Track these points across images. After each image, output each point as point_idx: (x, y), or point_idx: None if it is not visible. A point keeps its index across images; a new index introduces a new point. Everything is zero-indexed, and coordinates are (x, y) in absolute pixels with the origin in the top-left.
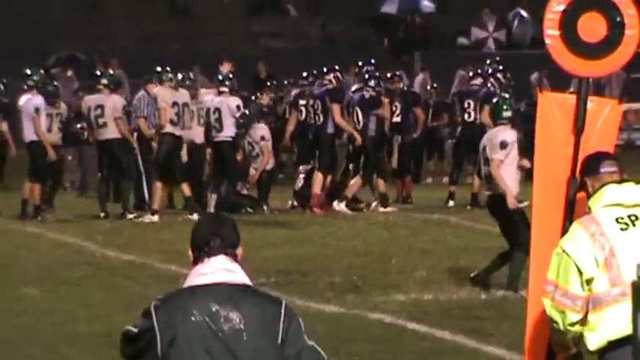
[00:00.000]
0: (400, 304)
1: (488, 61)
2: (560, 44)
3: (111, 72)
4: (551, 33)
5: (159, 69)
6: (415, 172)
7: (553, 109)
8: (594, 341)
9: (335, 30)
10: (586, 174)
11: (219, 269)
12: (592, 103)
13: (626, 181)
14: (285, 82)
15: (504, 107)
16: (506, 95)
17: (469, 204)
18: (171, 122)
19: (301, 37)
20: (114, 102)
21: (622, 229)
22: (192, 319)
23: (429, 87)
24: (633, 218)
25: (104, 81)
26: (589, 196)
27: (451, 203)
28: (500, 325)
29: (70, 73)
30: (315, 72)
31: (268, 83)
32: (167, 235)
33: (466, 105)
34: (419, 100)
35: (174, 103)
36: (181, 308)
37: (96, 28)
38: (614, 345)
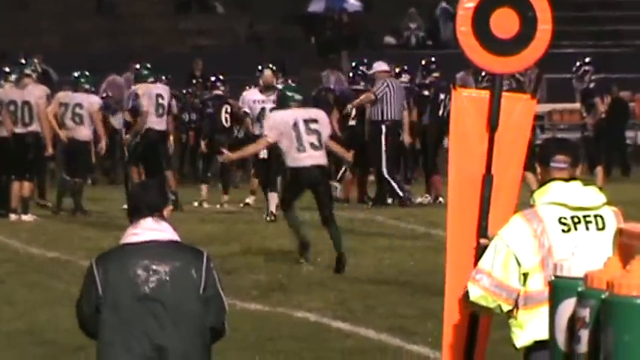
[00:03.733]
0: (325, 302)
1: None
2: (473, 41)
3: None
4: (464, 30)
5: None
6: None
7: (467, 106)
8: (522, 339)
9: (262, 28)
10: (537, 160)
11: (148, 229)
12: (505, 99)
13: (574, 179)
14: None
15: None
16: None
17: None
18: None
19: (228, 35)
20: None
21: (563, 230)
22: (126, 272)
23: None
24: (576, 220)
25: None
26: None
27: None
28: (424, 323)
29: None
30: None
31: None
32: (92, 232)
33: None
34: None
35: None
36: (116, 262)
37: (22, 24)
38: (540, 345)
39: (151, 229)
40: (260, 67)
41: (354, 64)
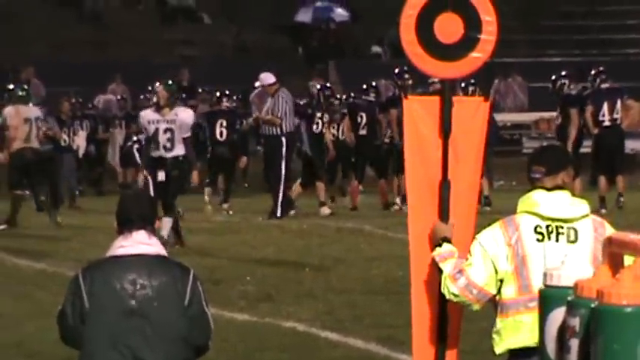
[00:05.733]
0: (313, 312)
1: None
2: (419, 49)
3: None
4: (409, 38)
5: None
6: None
7: (419, 112)
8: (500, 347)
9: (249, 38)
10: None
11: (139, 243)
12: (457, 103)
13: (560, 188)
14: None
15: None
16: None
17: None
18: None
19: (215, 45)
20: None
21: (538, 239)
22: (112, 285)
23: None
24: (551, 230)
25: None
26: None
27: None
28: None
29: None
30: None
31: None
32: (78, 244)
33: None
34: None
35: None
36: (103, 275)
37: (6, 35)
38: (516, 353)
39: (141, 243)
40: (157, 84)
41: (396, 70)
